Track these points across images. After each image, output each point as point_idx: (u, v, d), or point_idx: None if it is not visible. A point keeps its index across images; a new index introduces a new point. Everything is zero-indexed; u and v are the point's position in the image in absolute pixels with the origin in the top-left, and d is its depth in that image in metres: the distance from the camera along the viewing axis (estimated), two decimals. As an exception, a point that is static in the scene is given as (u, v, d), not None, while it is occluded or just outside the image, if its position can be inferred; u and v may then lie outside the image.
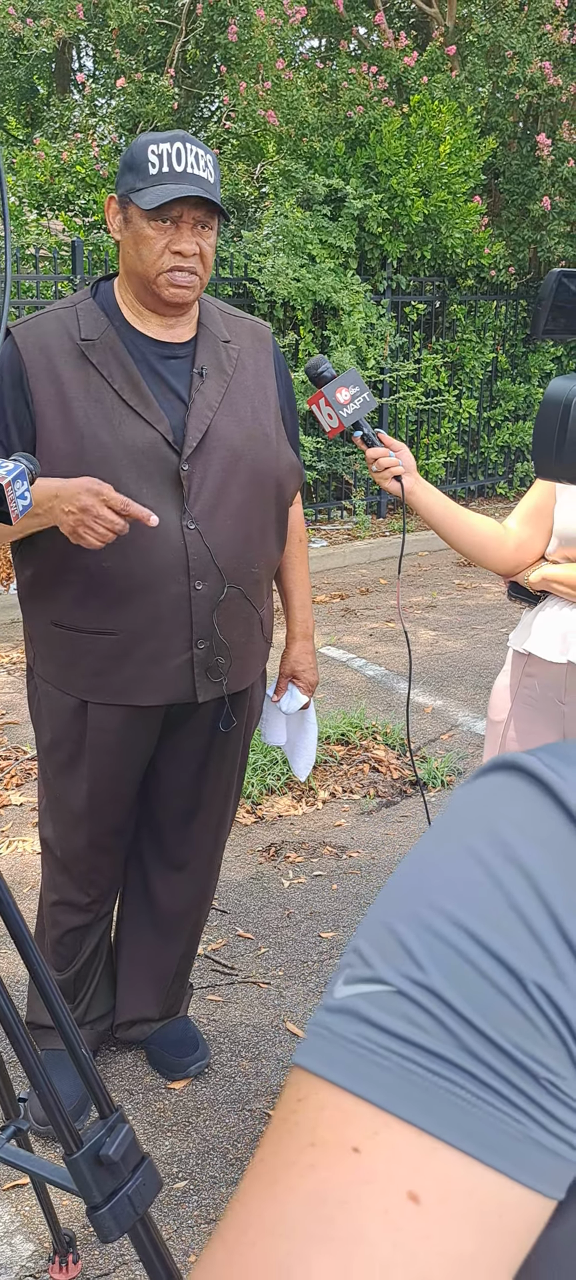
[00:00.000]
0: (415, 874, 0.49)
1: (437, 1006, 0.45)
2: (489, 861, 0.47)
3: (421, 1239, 0.42)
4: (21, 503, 1.44)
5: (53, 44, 8.92)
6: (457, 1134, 0.43)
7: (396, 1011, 0.45)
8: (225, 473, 2.21)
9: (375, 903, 0.50)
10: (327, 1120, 0.45)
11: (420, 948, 0.46)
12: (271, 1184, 0.44)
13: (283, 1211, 0.43)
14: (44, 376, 2.13)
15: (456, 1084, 0.44)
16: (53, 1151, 2.45)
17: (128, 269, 2.16)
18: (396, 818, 4.12)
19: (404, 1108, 0.44)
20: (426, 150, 8.54)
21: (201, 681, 2.26)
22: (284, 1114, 0.47)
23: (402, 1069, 0.44)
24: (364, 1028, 0.46)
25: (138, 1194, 1.28)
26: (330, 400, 2.16)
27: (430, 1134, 0.43)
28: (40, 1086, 1.29)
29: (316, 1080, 0.46)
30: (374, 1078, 0.44)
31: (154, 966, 2.65)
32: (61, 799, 2.39)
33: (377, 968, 0.47)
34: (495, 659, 5.79)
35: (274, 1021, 2.91)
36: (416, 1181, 0.43)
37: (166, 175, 2.06)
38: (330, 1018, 0.47)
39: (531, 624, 2.29)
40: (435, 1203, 0.43)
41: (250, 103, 8.69)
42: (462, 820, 0.50)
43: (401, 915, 0.48)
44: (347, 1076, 0.45)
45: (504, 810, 0.49)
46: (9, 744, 4.68)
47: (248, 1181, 0.46)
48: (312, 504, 8.54)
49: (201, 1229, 2.27)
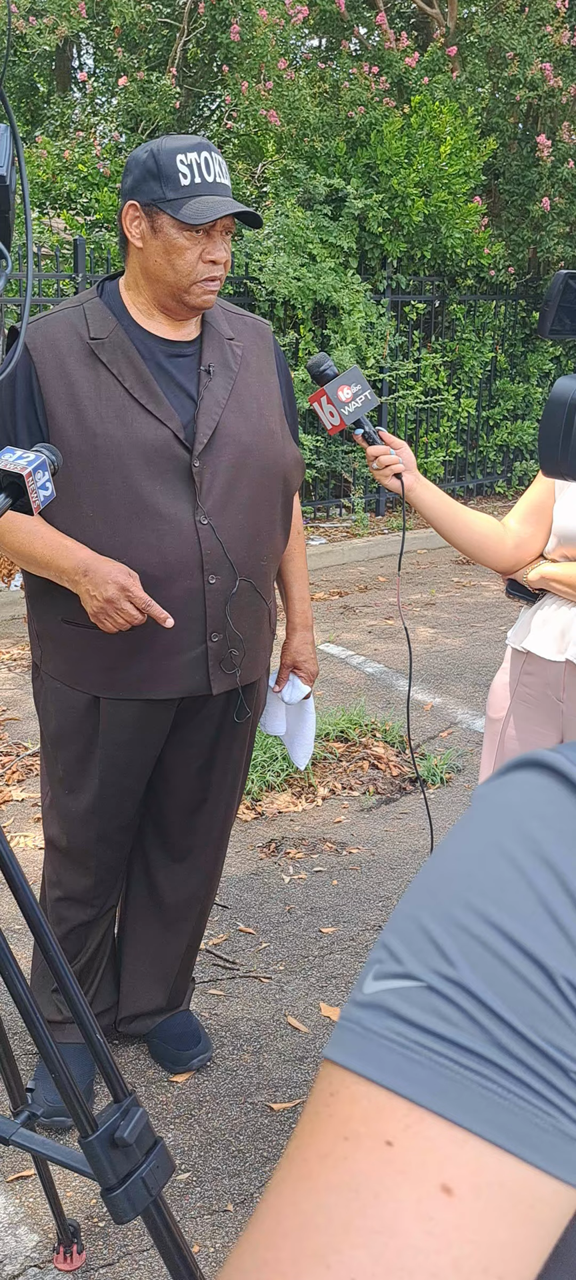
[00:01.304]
0: (444, 870, 0.50)
1: (468, 1002, 0.45)
2: (517, 858, 0.48)
3: (454, 1229, 0.43)
4: (43, 493, 1.45)
5: (55, 42, 8.93)
6: (489, 1127, 0.44)
7: (427, 1007, 0.46)
8: (235, 468, 2.24)
9: (403, 899, 0.51)
10: (361, 1114, 0.46)
11: (450, 944, 0.47)
12: (306, 1176, 0.45)
13: (317, 1202, 0.44)
14: (54, 376, 2.15)
15: (487, 1078, 0.45)
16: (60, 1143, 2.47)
17: (151, 276, 2.17)
18: (396, 814, 4.15)
19: (436, 1101, 0.45)
20: (427, 151, 8.57)
21: (215, 674, 2.29)
22: (316, 1107, 0.47)
23: (434, 1063, 0.45)
24: (395, 1023, 0.46)
25: (152, 1176, 1.30)
26: (332, 398, 2.18)
27: (462, 1127, 0.44)
28: (57, 1070, 1.31)
29: (348, 1075, 0.47)
30: (406, 1072, 0.45)
31: (157, 960, 2.67)
32: (70, 795, 2.41)
33: (408, 963, 0.47)
34: (494, 657, 5.81)
35: (275, 1015, 2.94)
36: (449, 1173, 0.44)
37: (199, 186, 2.09)
38: (360, 1013, 0.48)
39: (530, 622, 2.31)
40: (467, 1194, 0.43)
41: (252, 102, 8.70)
42: (490, 817, 0.51)
43: (431, 911, 0.48)
44: (379, 1071, 0.46)
45: (531, 807, 0.50)
46: (10, 740, 4.70)
47: (282, 1173, 0.47)
48: (312, 502, 8.56)
49: (204, 1220, 2.29)
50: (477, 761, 4.54)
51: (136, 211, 2.15)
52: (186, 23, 9.54)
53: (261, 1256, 0.44)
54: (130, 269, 2.23)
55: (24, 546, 2.17)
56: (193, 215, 2.07)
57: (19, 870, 1.38)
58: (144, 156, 2.13)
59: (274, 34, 8.86)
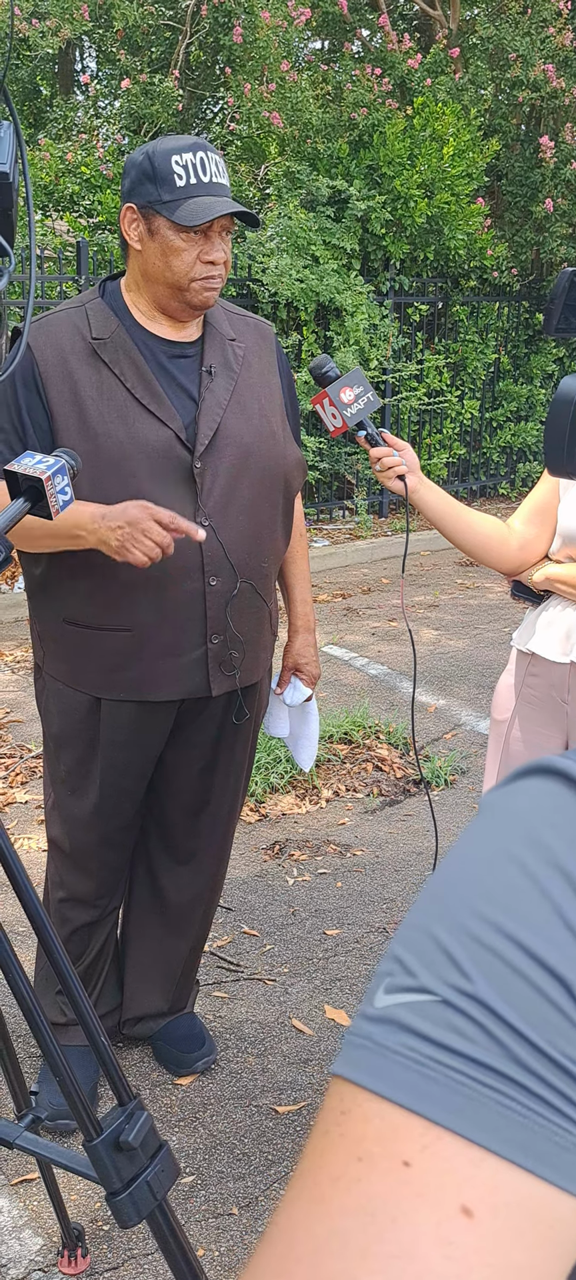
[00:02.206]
0: (454, 880, 0.49)
1: (485, 1016, 0.44)
2: (530, 866, 0.47)
3: (474, 1253, 0.41)
4: (62, 498, 1.44)
5: (58, 45, 8.94)
6: (508, 1146, 0.43)
7: (442, 1022, 0.45)
8: (236, 470, 2.23)
9: (412, 909, 0.50)
10: (374, 1133, 0.44)
11: (465, 956, 0.45)
12: (319, 1199, 0.44)
13: (332, 1227, 0.43)
14: (57, 375, 2.15)
15: (506, 1095, 0.43)
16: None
17: (151, 277, 2.17)
18: (399, 816, 4.14)
19: (453, 1120, 0.43)
20: (429, 152, 8.56)
21: (215, 675, 2.28)
22: (327, 1126, 0.46)
23: (450, 1080, 0.44)
24: (409, 1038, 0.45)
25: (156, 1180, 1.29)
26: (334, 400, 2.17)
27: (480, 1146, 0.43)
28: (61, 1073, 1.31)
29: (360, 1092, 0.45)
30: (421, 1089, 0.44)
31: (161, 962, 2.67)
32: (72, 796, 2.41)
33: (421, 977, 0.46)
34: (498, 658, 5.80)
35: (279, 1018, 2.93)
36: (468, 1195, 0.42)
37: (195, 187, 2.08)
38: (372, 1028, 0.46)
39: (535, 623, 2.30)
40: (487, 1216, 0.42)
41: (254, 104, 8.70)
42: (500, 825, 0.49)
43: (443, 922, 0.47)
44: (393, 1088, 0.44)
45: (542, 814, 0.48)
46: (13, 742, 4.70)
47: (293, 1194, 0.45)
48: (314, 504, 8.56)
49: (208, 1223, 2.28)
50: (481, 763, 4.53)
51: (134, 214, 2.14)
52: (189, 25, 9.54)
53: (275, 1279, 0.43)
54: (131, 270, 2.22)
55: (33, 521, 2.10)
56: (188, 216, 2.06)
57: (23, 872, 1.37)
58: (140, 159, 2.13)
59: (276, 36, 8.86)
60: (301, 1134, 2.53)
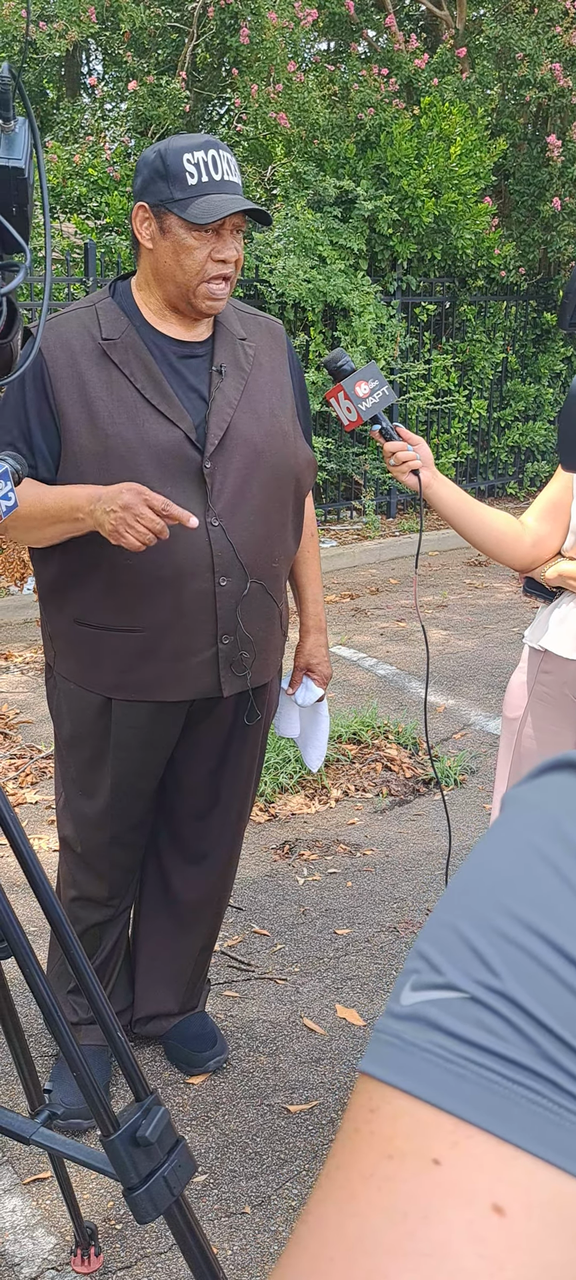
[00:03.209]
0: (481, 876, 0.48)
1: (514, 1013, 0.44)
2: (558, 862, 0.46)
3: (507, 1251, 0.41)
4: (4, 503, 1.44)
5: (65, 47, 8.95)
6: (540, 1143, 0.42)
7: (471, 1018, 0.44)
8: (246, 470, 2.23)
9: (438, 906, 0.49)
10: (404, 1131, 0.44)
11: (492, 952, 0.45)
12: (349, 1198, 0.44)
13: (363, 1226, 0.42)
14: (66, 375, 2.15)
15: (537, 1092, 0.43)
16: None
17: (161, 276, 2.16)
18: (409, 816, 4.13)
19: (484, 1118, 0.43)
20: (436, 152, 8.55)
21: (226, 676, 2.28)
22: (356, 1124, 0.46)
23: (480, 1077, 0.43)
24: (437, 1035, 0.45)
25: (174, 1175, 1.29)
26: (349, 394, 2.17)
27: (512, 1144, 0.42)
28: (78, 1068, 1.31)
29: (389, 1090, 0.45)
30: (451, 1087, 0.43)
31: (173, 961, 2.67)
32: (83, 796, 2.41)
33: (448, 973, 0.46)
34: (507, 658, 5.79)
35: (291, 1017, 2.93)
36: (500, 1193, 0.42)
37: (207, 185, 2.08)
38: (399, 1025, 0.46)
39: (547, 620, 2.30)
40: (520, 1214, 0.42)
41: (261, 105, 8.70)
42: (525, 820, 0.49)
43: (470, 919, 0.47)
44: (423, 1085, 0.44)
45: (567, 809, 0.48)
46: (24, 742, 4.71)
47: (323, 1193, 0.45)
48: (322, 504, 8.55)
49: (221, 1222, 2.28)
50: (491, 763, 4.53)
51: (146, 213, 2.14)
52: (195, 27, 9.55)
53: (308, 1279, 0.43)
54: (142, 270, 2.22)
55: (34, 508, 2.10)
56: (200, 214, 2.06)
57: (41, 872, 1.37)
58: (152, 157, 2.13)
59: (283, 37, 8.86)
60: (313, 1133, 2.53)
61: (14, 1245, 2.22)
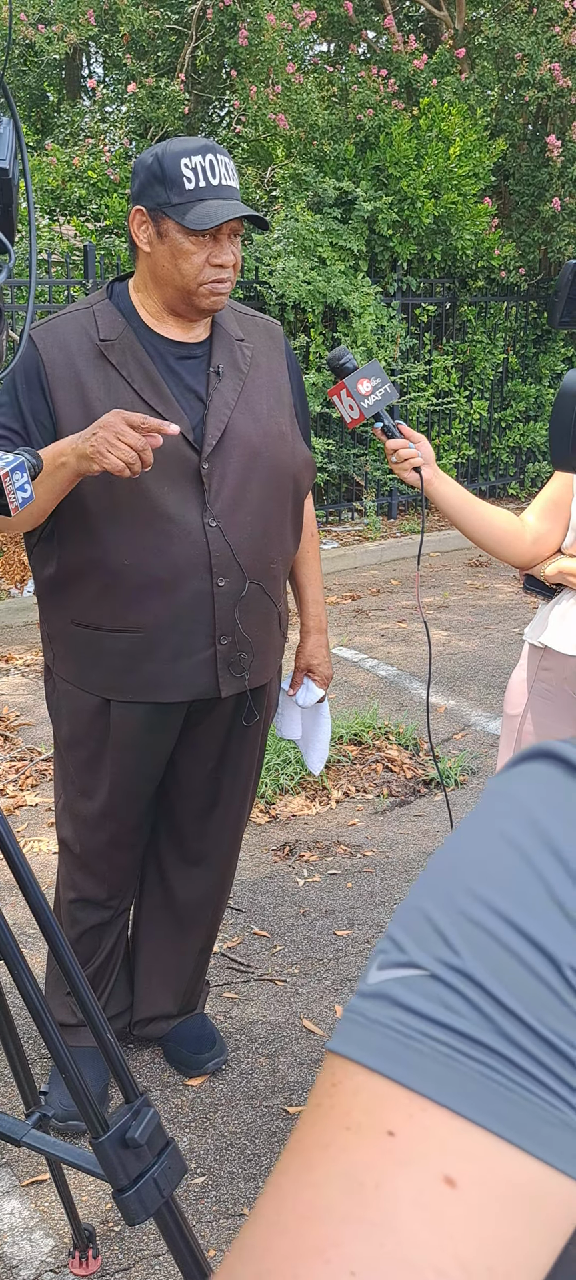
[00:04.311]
0: (450, 860, 0.49)
1: (472, 990, 0.44)
2: (524, 847, 0.47)
3: (456, 1222, 0.42)
4: (21, 495, 1.45)
5: (64, 50, 8.96)
6: (494, 1119, 0.43)
7: (431, 995, 0.45)
8: (244, 470, 2.23)
9: (411, 890, 0.50)
10: (362, 1104, 0.44)
11: (454, 932, 0.46)
12: (306, 1168, 0.44)
13: (318, 1194, 0.43)
14: (63, 376, 2.15)
15: (492, 1068, 0.43)
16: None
17: (159, 280, 2.16)
18: (410, 817, 4.13)
19: (439, 1092, 0.43)
20: (436, 152, 8.55)
21: (224, 677, 2.28)
22: (318, 1099, 0.46)
23: (437, 1053, 0.44)
24: (398, 1012, 0.45)
25: (163, 1177, 1.29)
26: (352, 391, 2.17)
27: (466, 1118, 0.43)
28: (68, 1071, 1.31)
29: (351, 1065, 0.46)
30: (408, 1062, 0.44)
31: (172, 963, 2.66)
32: (82, 797, 2.40)
33: (411, 952, 0.47)
34: (508, 659, 5.79)
35: (290, 1018, 2.92)
36: (452, 1165, 0.42)
37: (204, 190, 2.07)
38: (364, 1003, 0.47)
39: (547, 617, 2.30)
40: (471, 1187, 0.42)
41: (260, 107, 8.71)
42: (498, 807, 0.50)
43: (435, 900, 0.47)
44: (382, 1060, 0.45)
45: (540, 797, 0.49)
46: (24, 745, 4.71)
47: (283, 1164, 0.46)
48: (323, 505, 8.55)
49: (220, 1223, 2.28)
50: (492, 763, 4.52)
51: (143, 216, 2.13)
52: (195, 29, 9.56)
53: (261, 1248, 0.44)
54: (139, 272, 2.22)
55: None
56: (197, 220, 2.06)
57: (31, 874, 1.37)
58: (149, 161, 2.12)
59: (282, 38, 8.86)
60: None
61: (12, 1247, 2.22)
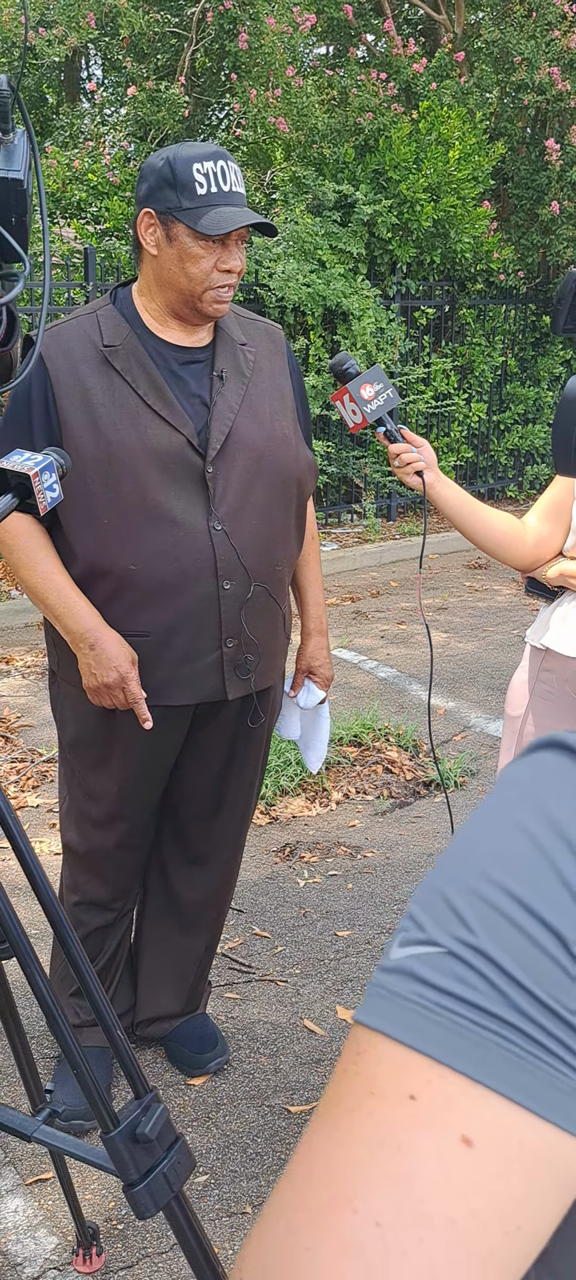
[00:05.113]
0: (467, 846, 0.53)
1: (487, 966, 0.48)
2: (535, 833, 0.50)
3: (471, 1179, 0.45)
4: (50, 495, 1.46)
5: (64, 53, 8.97)
6: (507, 1085, 0.46)
7: (448, 971, 0.49)
8: (249, 474, 2.24)
9: (429, 873, 0.53)
10: (386, 1072, 0.48)
11: (470, 912, 0.49)
12: (335, 1129, 0.48)
13: (344, 1153, 0.47)
14: (68, 383, 2.16)
15: (506, 1039, 0.47)
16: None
17: (164, 282, 2.18)
18: (410, 818, 4.15)
19: (456, 1059, 0.47)
20: (435, 156, 8.57)
21: (231, 679, 2.29)
22: (345, 1066, 0.50)
23: (454, 1024, 0.48)
24: (418, 986, 0.49)
25: (173, 1171, 1.31)
26: (354, 396, 2.20)
27: (481, 1084, 0.46)
28: (79, 1066, 1.32)
29: (374, 1035, 0.49)
30: (428, 1032, 0.48)
31: (175, 963, 2.68)
32: (87, 800, 2.42)
33: (430, 931, 0.50)
34: (507, 660, 5.81)
35: (291, 1019, 2.94)
36: (468, 1127, 0.46)
37: (215, 196, 2.09)
38: (386, 977, 0.51)
39: (549, 619, 2.32)
40: (486, 1147, 0.46)
41: (260, 110, 8.73)
42: (511, 796, 0.53)
43: (453, 883, 0.51)
44: (403, 1031, 0.48)
45: (551, 786, 0.52)
46: (25, 746, 4.72)
47: (314, 1125, 0.50)
48: (323, 507, 8.57)
49: (222, 1221, 2.29)
50: (491, 765, 4.54)
51: (152, 219, 2.15)
52: (194, 32, 9.58)
53: (293, 1202, 0.47)
54: (144, 276, 2.23)
55: (40, 590, 2.21)
56: (210, 225, 2.08)
57: (41, 872, 1.39)
58: (160, 164, 2.14)
59: (282, 42, 8.88)
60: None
61: (16, 1245, 2.23)
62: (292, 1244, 0.46)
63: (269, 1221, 0.48)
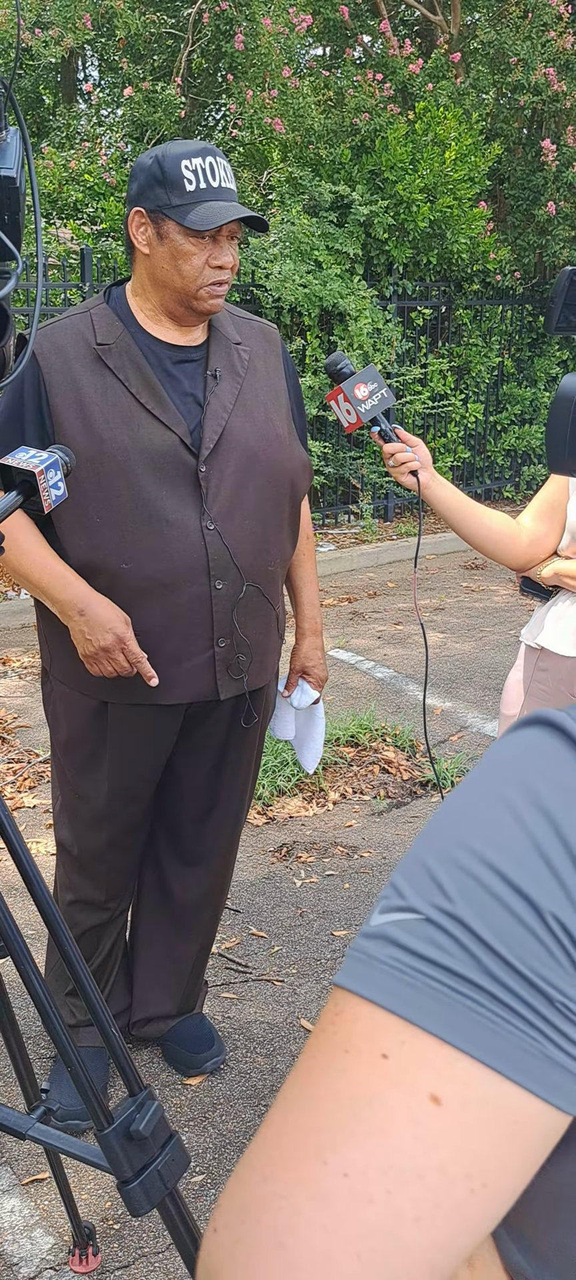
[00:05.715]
0: (448, 817, 0.54)
1: (462, 933, 0.49)
2: (516, 805, 0.52)
3: (440, 1135, 0.47)
4: (55, 492, 1.46)
5: (60, 54, 8.97)
6: (477, 1047, 0.48)
7: (425, 937, 0.50)
8: (242, 473, 2.24)
9: (413, 843, 0.55)
10: (360, 1031, 0.50)
11: (448, 880, 0.51)
12: (310, 1084, 0.50)
13: (318, 1107, 0.49)
14: (62, 381, 2.16)
15: (478, 1003, 0.48)
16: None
17: (159, 281, 2.17)
18: (407, 818, 4.15)
19: (429, 1021, 0.49)
20: (431, 156, 8.58)
21: (223, 679, 2.29)
22: (322, 1026, 0.52)
23: (429, 988, 0.49)
24: (395, 951, 0.51)
25: (167, 1169, 1.31)
26: (349, 396, 2.20)
27: (452, 1045, 0.48)
28: (73, 1064, 1.32)
29: (351, 997, 0.51)
30: (403, 995, 0.49)
31: (170, 963, 2.68)
32: (80, 800, 2.41)
33: (409, 898, 0.52)
34: (503, 661, 5.81)
35: (288, 1019, 2.94)
36: (438, 1086, 0.48)
37: (205, 192, 2.09)
38: (366, 942, 0.53)
39: (543, 618, 2.32)
40: (454, 1105, 0.47)
41: (256, 111, 8.73)
42: (495, 769, 0.55)
43: (433, 852, 0.53)
44: (379, 993, 0.50)
45: (533, 760, 0.53)
46: (21, 747, 4.72)
47: (289, 1082, 0.51)
48: (320, 508, 8.57)
49: (219, 1221, 2.29)
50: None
51: (142, 218, 2.15)
52: (191, 33, 9.58)
53: (267, 1154, 0.49)
54: (137, 275, 2.23)
55: (24, 567, 2.18)
56: (199, 221, 2.08)
57: (36, 872, 1.38)
58: (149, 163, 2.14)
59: (278, 43, 8.89)
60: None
61: (12, 1245, 2.23)
62: (267, 1191, 0.48)
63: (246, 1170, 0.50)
